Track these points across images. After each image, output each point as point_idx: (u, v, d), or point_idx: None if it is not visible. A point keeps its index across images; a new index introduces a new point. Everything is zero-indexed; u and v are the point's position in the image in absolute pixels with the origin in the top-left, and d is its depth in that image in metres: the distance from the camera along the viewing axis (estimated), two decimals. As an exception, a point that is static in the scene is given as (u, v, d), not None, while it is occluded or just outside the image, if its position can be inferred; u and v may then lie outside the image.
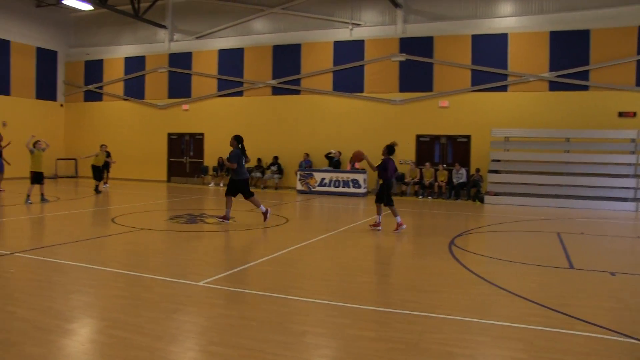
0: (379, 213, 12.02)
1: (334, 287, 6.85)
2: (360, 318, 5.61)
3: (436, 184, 20.50)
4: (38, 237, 10.65)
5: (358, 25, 22.69)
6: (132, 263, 8.19)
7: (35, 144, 15.89)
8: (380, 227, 11.91)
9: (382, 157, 11.90)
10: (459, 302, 6.20)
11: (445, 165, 21.04)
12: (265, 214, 12.43)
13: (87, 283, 6.81)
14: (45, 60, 28.17)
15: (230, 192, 12.41)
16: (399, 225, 11.70)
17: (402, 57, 21.76)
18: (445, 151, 21.73)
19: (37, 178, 15.90)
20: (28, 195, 15.61)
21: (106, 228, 11.62)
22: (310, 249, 9.48)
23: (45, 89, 28.28)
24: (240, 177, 12.32)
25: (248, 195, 12.39)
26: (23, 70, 26.97)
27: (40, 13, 27.58)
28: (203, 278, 6.97)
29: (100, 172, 20.33)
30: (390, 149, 11.82)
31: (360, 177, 20.62)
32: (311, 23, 23.55)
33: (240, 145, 12.36)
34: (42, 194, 16.08)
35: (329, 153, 22.03)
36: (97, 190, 19.61)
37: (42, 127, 26.65)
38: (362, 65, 22.43)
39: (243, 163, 12.37)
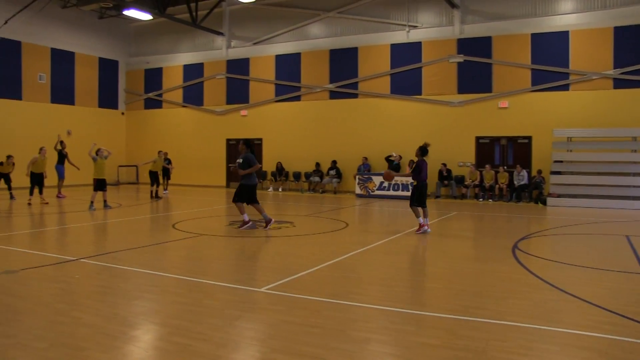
0: (418, 216, 11.80)
1: (396, 293, 6.80)
2: (423, 325, 5.53)
3: (497, 186, 20.10)
4: (101, 244, 10.95)
5: (415, 27, 22.52)
6: (193, 269, 8.33)
7: (97, 151, 16.40)
8: (427, 228, 11.73)
9: (416, 158, 11.86)
10: (525, 309, 6.03)
11: (505, 167, 20.60)
12: (268, 222, 12.08)
13: (150, 289, 6.96)
14: (107, 69, 29.22)
15: (241, 198, 12.21)
16: (421, 226, 11.66)
17: (460, 58, 21.46)
18: (505, 153, 21.29)
19: (100, 185, 16.40)
20: (92, 202, 16.16)
21: (167, 234, 11.87)
22: (371, 254, 9.44)
23: (107, 98, 29.32)
24: (250, 182, 12.17)
25: (253, 202, 12.13)
26: (86, 80, 28.07)
27: (103, 24, 28.63)
28: (264, 284, 7.03)
29: (157, 178, 20.74)
30: (423, 150, 11.72)
31: (419, 180, 20.40)
32: (367, 26, 23.52)
33: (250, 150, 12.27)
34: (105, 201, 16.61)
35: (389, 156, 21.91)
36: (156, 196, 20.13)
37: (104, 135, 27.62)
38: (420, 68, 22.24)
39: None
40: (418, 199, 11.66)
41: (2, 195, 19.60)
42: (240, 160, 12.13)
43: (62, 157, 20.46)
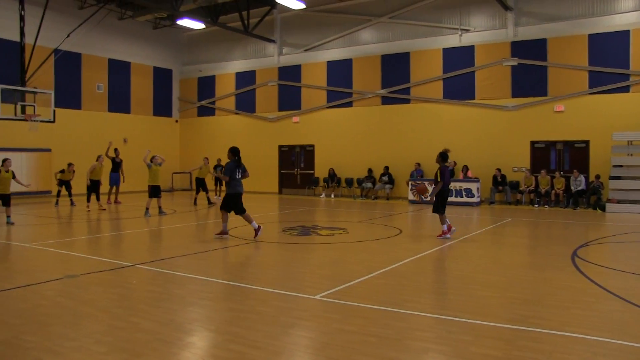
0: (443, 222, 11.82)
1: (452, 301, 6.68)
2: (482, 335, 5.39)
3: (553, 191, 19.57)
4: (156, 250, 11.15)
5: (467, 30, 22.21)
6: (247, 276, 8.39)
7: (152, 158, 16.74)
8: (452, 232, 11.79)
9: (438, 165, 11.88)
10: (589, 319, 5.82)
11: (562, 172, 20.05)
12: (257, 230, 11.70)
13: (204, 295, 7.02)
14: (162, 78, 29.95)
15: (225, 206, 11.89)
16: (444, 232, 11.70)
17: (514, 62, 21.02)
18: (561, 157, 20.72)
19: (155, 192, 16.72)
20: (147, 209, 16.51)
21: (221, 241, 11.95)
22: (425, 261, 9.32)
23: (162, 106, 30.03)
24: (233, 190, 11.85)
25: (239, 211, 11.79)
26: (142, 89, 28.83)
27: (157, 34, 29.38)
28: (318, 291, 7.01)
29: (204, 184, 20.89)
30: (444, 157, 11.85)
31: (473, 186, 20.08)
32: (419, 31, 23.34)
33: (236, 158, 11.99)
34: (159, 207, 16.94)
35: (442, 162, 21.63)
36: (208, 202, 20.41)
37: (159, 142, 28.26)
38: (473, 72, 21.90)
39: (238, 176, 11.88)
40: (442, 204, 11.74)
41: (63, 201, 20.26)
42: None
43: (116, 164, 21.02)
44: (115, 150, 21.36)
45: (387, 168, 23.22)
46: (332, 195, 24.57)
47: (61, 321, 5.87)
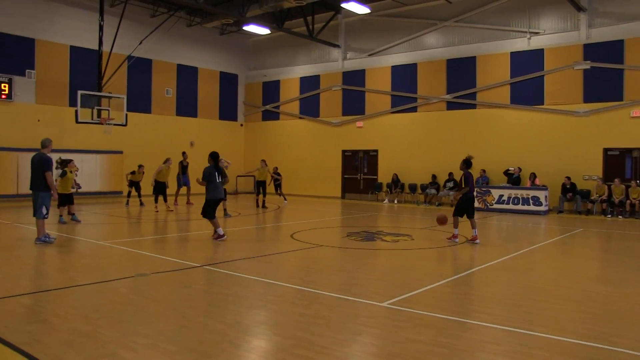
0: (456, 226, 12.25)
1: (524, 314, 6.44)
2: (559, 351, 5.15)
3: (628, 201, 18.75)
4: (223, 251, 11.24)
5: (536, 33, 21.61)
6: (313, 280, 8.38)
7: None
8: (457, 240, 12.11)
9: (462, 172, 12.07)
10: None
11: (638, 182, 19.17)
12: (218, 236, 11.82)
13: (271, 299, 7.05)
14: (227, 83, 30.54)
15: (207, 213, 12.03)
16: (474, 238, 12.03)
17: (587, 65, 20.29)
18: (638, 165, 19.82)
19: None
20: (225, 209, 16.85)
21: (286, 244, 12.06)
22: (493, 271, 9.08)
23: (227, 110, 30.63)
24: (210, 196, 11.95)
25: (209, 216, 11.91)
26: (208, 93, 29.50)
27: (223, 40, 30.00)
28: (385, 298, 6.94)
29: (263, 187, 20.98)
30: (467, 163, 12.06)
31: (541, 195, 19.50)
32: (486, 34, 22.89)
33: (215, 163, 12.03)
34: (224, 210, 17.24)
35: (508, 170, 21.14)
36: (263, 206, 20.59)
37: (224, 145, 28.82)
38: (542, 76, 21.26)
39: (217, 181, 11.96)
40: (459, 210, 12.15)
41: (133, 202, 20.90)
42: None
43: (183, 167, 21.57)
44: (183, 153, 21.92)
45: (451, 174, 22.84)
46: (395, 201, 24.38)
47: (135, 318, 6.06)
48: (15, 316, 6.10)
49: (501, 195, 20.35)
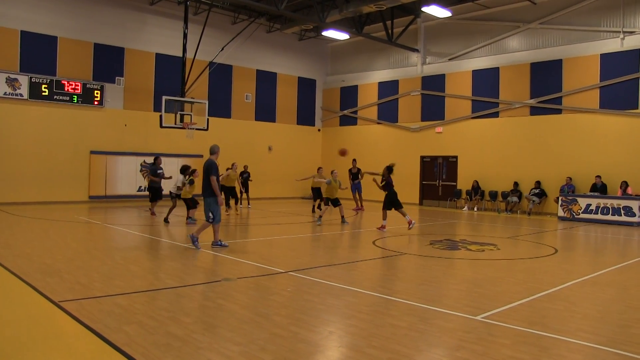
0: (384, 218, 15.35)
1: (636, 336, 5.96)
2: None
3: None
4: (307, 257, 11.23)
5: (631, 33, 20.46)
6: (401, 289, 8.17)
7: (331, 173, 17.77)
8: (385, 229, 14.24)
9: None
10: None
11: None
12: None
13: (361, 309, 6.88)
14: (306, 88, 30.77)
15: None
16: (409, 221, 14.47)
17: (687, 67, 19.09)
18: None
19: (326, 201, 17.65)
20: (320, 217, 17.15)
21: (368, 251, 11.90)
22: (592, 286, 8.55)
23: (305, 115, 30.82)
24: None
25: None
26: (286, 98, 29.81)
27: (302, 46, 30.24)
28: (480, 312, 6.66)
29: (318, 194, 20.86)
30: (390, 170, 15.67)
31: (634, 205, 18.43)
32: (573, 36, 21.95)
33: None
34: (320, 216, 17.26)
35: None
36: (316, 210, 20.57)
37: (302, 151, 29.17)
38: (636, 78, 20.09)
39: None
40: (387, 204, 15.41)
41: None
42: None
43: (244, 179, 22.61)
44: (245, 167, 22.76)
45: (538, 182, 21.95)
46: (475, 209, 23.75)
47: (226, 324, 6.05)
48: (114, 316, 6.23)
49: (589, 205, 19.40)
